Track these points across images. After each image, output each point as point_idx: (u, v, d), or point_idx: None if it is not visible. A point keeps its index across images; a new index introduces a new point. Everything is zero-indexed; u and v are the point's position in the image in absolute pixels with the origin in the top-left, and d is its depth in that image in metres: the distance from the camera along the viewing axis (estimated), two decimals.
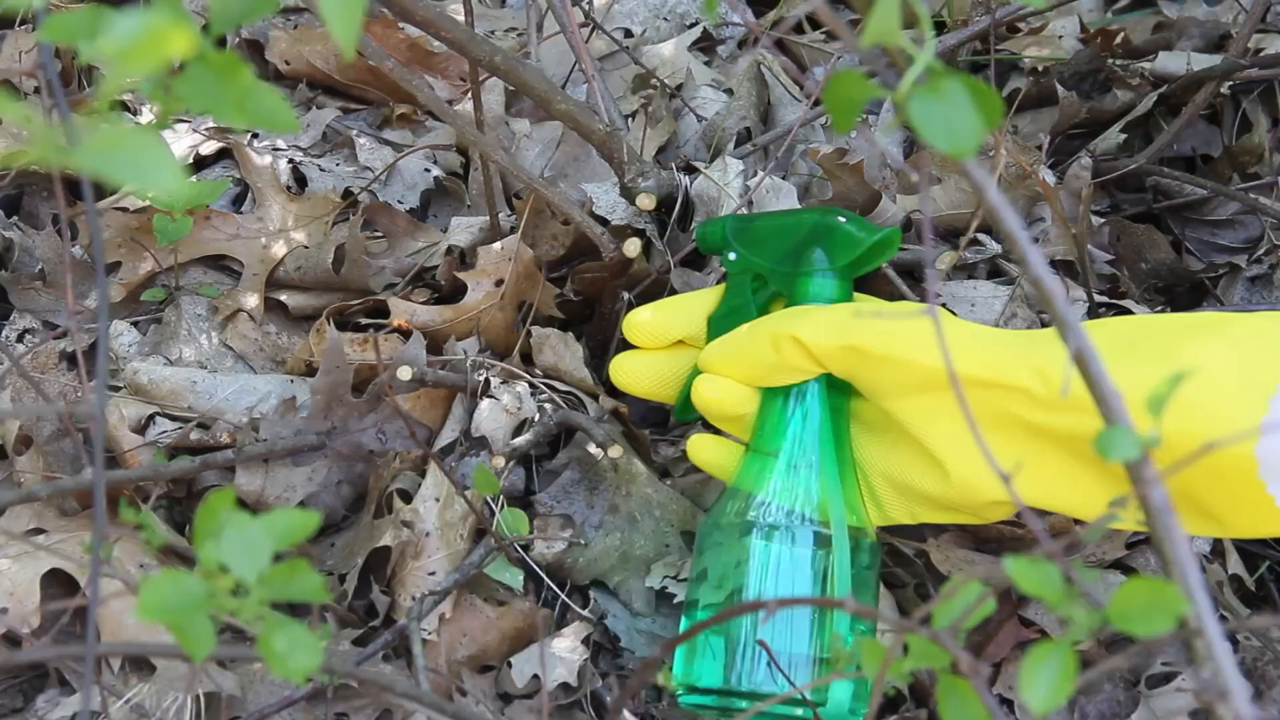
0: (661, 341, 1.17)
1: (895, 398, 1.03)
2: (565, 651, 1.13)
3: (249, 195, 1.45)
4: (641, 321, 1.16)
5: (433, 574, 1.15)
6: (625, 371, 1.17)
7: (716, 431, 1.16)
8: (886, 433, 1.08)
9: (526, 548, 1.18)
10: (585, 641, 1.15)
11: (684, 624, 1.09)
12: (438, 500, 1.17)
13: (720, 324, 1.13)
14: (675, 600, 1.16)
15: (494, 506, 1.17)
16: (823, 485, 1.06)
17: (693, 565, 1.10)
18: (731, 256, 1.15)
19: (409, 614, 1.10)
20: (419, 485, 1.18)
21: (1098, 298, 1.29)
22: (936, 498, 1.05)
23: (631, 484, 1.21)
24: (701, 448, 1.15)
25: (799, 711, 1.01)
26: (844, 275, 1.11)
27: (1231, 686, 0.49)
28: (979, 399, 0.98)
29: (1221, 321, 0.96)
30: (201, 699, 1.08)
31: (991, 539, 1.18)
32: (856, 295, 1.14)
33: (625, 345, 1.19)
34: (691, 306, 1.16)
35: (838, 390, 1.08)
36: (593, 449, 1.19)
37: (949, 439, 1.02)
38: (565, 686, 1.12)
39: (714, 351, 1.10)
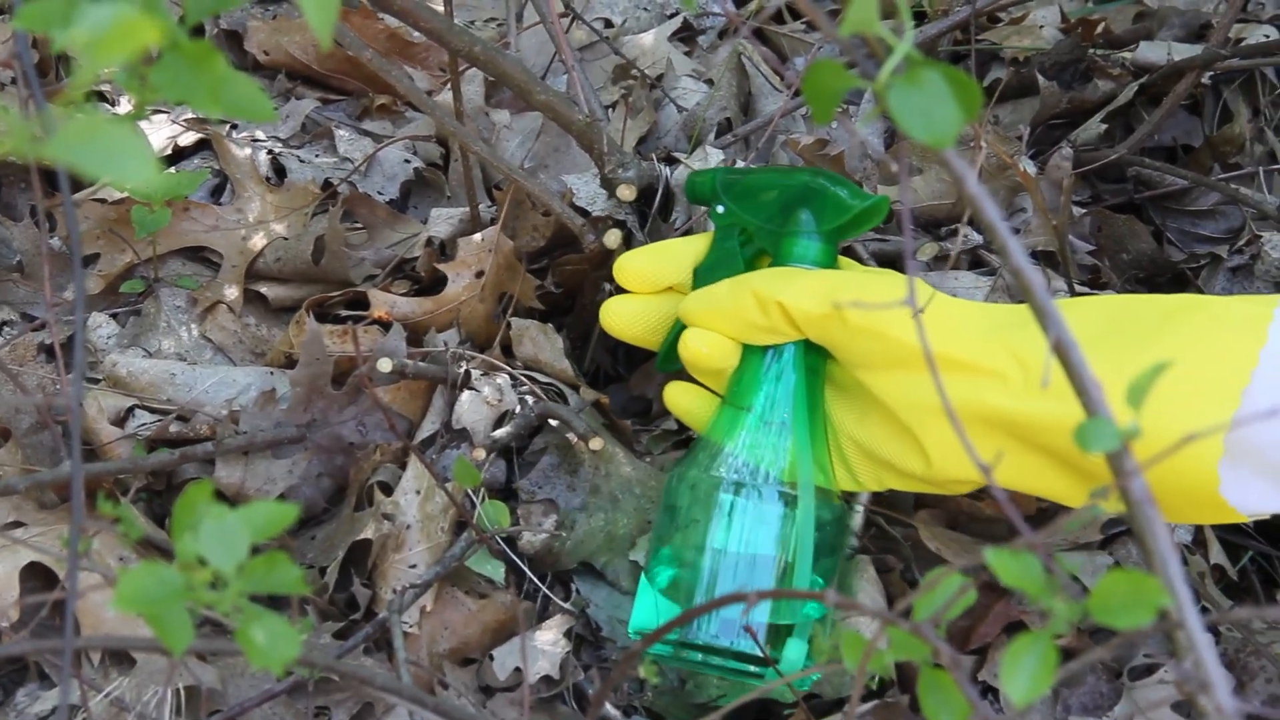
0: (652, 287, 1.17)
1: (873, 370, 1.04)
2: (547, 644, 1.13)
3: (228, 186, 1.44)
4: (634, 266, 1.16)
5: (414, 567, 1.15)
6: (616, 315, 1.17)
7: (694, 382, 1.16)
8: (859, 399, 1.09)
9: (509, 540, 1.18)
10: (567, 634, 1.15)
11: (646, 574, 1.09)
12: (418, 493, 1.16)
13: (706, 275, 1.13)
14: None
15: (475, 499, 1.16)
16: (793, 444, 1.07)
17: (659, 516, 1.10)
18: (719, 209, 1.15)
19: (390, 607, 1.10)
20: (400, 478, 1.18)
21: (1079, 288, 1.29)
22: (906, 470, 1.05)
23: (610, 464, 1.20)
24: (679, 394, 1.16)
25: (752, 669, 1.02)
26: (830, 239, 1.11)
27: (1213, 678, 0.49)
28: (955, 381, 0.99)
29: (1198, 305, 0.96)
30: (181, 692, 1.08)
31: (980, 519, 1.18)
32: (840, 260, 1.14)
33: (606, 335, 1.20)
34: (681, 254, 1.16)
35: (815, 351, 1.09)
36: (573, 439, 1.19)
37: (924, 417, 1.02)
38: (547, 679, 1.12)
39: (696, 304, 1.10)
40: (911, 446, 1.04)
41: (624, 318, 1.17)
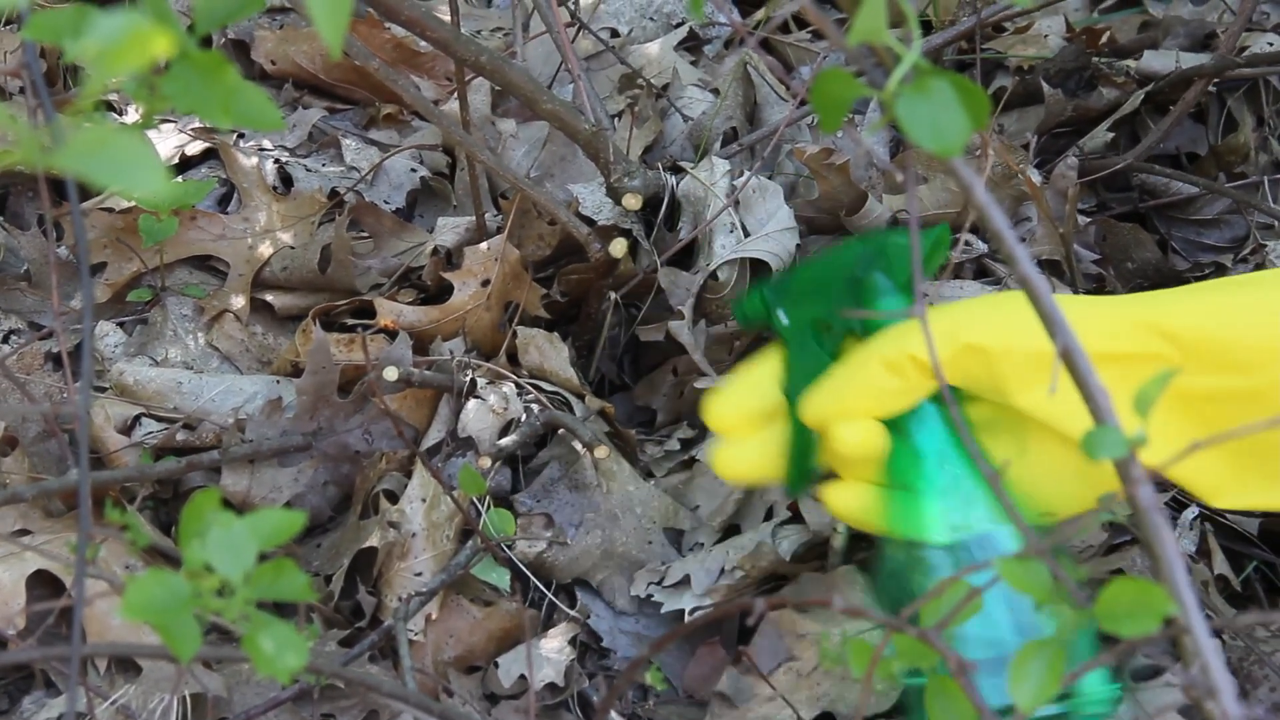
0: (750, 425, 1.10)
1: (1025, 392, 0.97)
2: (552, 652, 1.13)
3: (235, 195, 1.45)
4: (724, 413, 1.09)
5: (419, 574, 1.15)
6: (731, 465, 1.08)
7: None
8: (1010, 436, 1.03)
9: (511, 547, 1.18)
10: (572, 642, 1.15)
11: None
12: (424, 501, 1.17)
13: (798, 385, 1.05)
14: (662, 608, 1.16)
15: (480, 507, 1.17)
16: (983, 491, 1.02)
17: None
18: (784, 320, 1.07)
19: (395, 614, 1.10)
20: (405, 486, 1.18)
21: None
22: (1075, 495, 1.00)
23: (612, 482, 1.20)
24: (845, 497, 1.04)
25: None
26: (907, 289, 1.06)
27: (1219, 684, 0.49)
28: (1116, 375, 0.94)
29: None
30: (188, 700, 1.08)
31: None
32: None
33: (612, 344, 1.19)
34: (761, 379, 1.07)
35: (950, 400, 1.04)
36: (579, 448, 1.19)
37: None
38: (552, 686, 1.12)
39: (823, 400, 1.02)
40: (1084, 461, 0.98)
41: (740, 464, 1.07)
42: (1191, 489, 0.95)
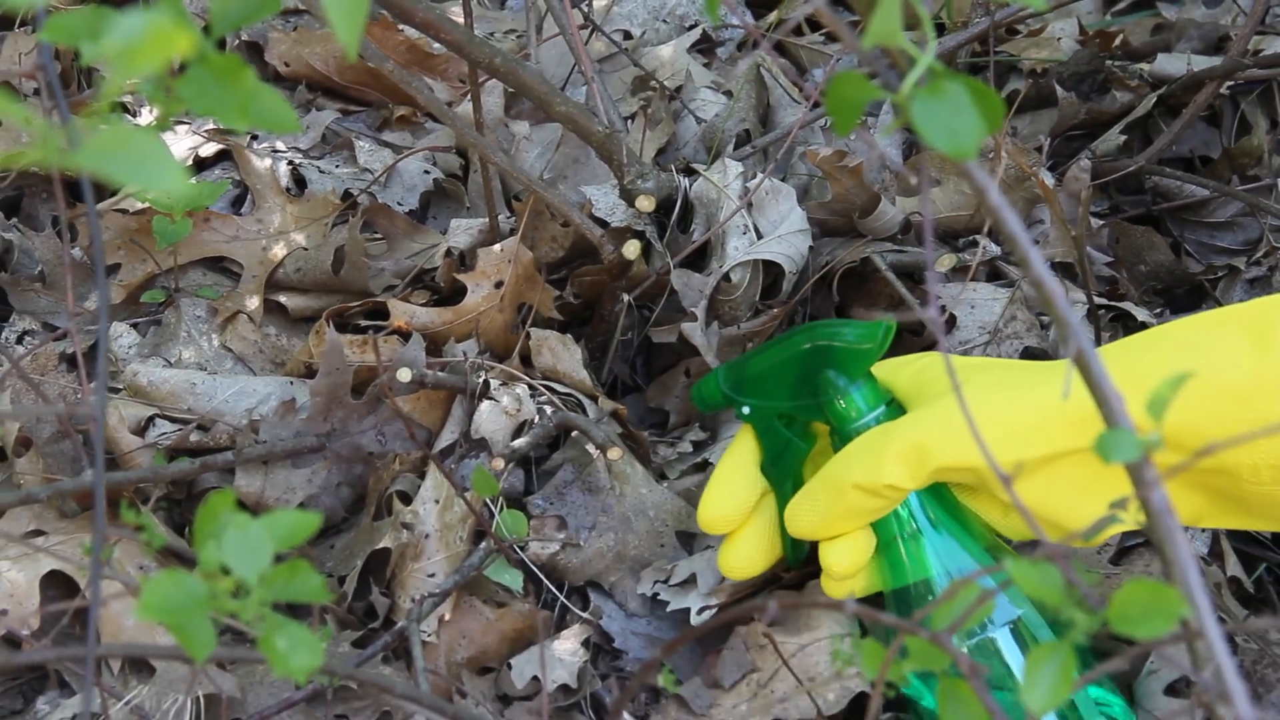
0: (742, 519, 1.11)
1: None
2: (565, 653, 1.13)
3: (248, 197, 1.45)
4: (715, 516, 1.10)
5: (432, 576, 1.15)
6: (736, 565, 1.11)
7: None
8: (992, 496, 1.05)
9: (523, 549, 1.18)
10: (585, 643, 1.15)
11: None
12: (437, 502, 1.17)
13: (774, 469, 1.09)
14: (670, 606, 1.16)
15: (493, 508, 1.17)
16: (973, 557, 1.03)
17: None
18: (746, 410, 1.10)
19: (408, 615, 1.10)
20: (418, 487, 1.18)
21: (1097, 299, 1.29)
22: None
23: (625, 485, 1.20)
24: (840, 588, 1.08)
25: None
26: (867, 380, 1.06)
27: (1233, 688, 0.49)
28: (1076, 464, 0.97)
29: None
30: (201, 700, 1.08)
31: None
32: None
33: (625, 346, 1.19)
34: (741, 469, 1.11)
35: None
36: (591, 450, 1.19)
37: (1079, 509, 0.99)
38: (565, 688, 1.12)
39: (804, 520, 1.05)
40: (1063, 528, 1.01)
41: (749, 562, 1.11)
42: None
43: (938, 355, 1.09)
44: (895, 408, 1.06)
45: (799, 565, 1.12)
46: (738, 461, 1.11)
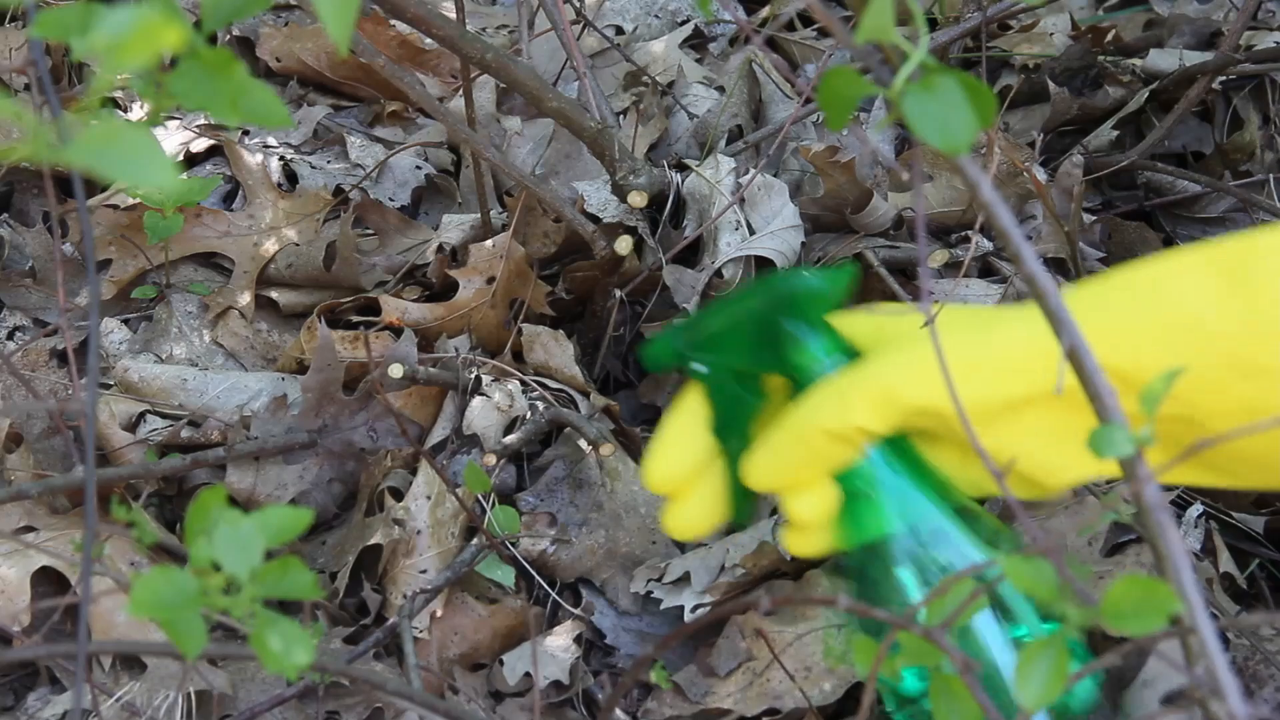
0: (690, 479, 1.08)
1: (982, 436, 0.97)
2: (557, 650, 1.13)
3: (240, 193, 1.45)
4: (659, 476, 1.07)
5: (424, 572, 1.15)
6: (684, 526, 1.08)
7: None
8: (955, 443, 1.03)
9: (515, 545, 1.18)
10: (577, 640, 1.15)
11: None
12: (429, 498, 1.17)
13: (727, 429, 1.02)
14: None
15: (485, 504, 1.16)
16: (938, 514, 1.02)
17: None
18: (702, 369, 1.03)
19: (400, 612, 1.10)
20: (410, 483, 1.18)
21: None
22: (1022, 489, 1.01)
23: (616, 481, 1.20)
24: (799, 539, 1.02)
25: None
26: (826, 328, 1.04)
27: (1225, 684, 0.49)
28: (1044, 413, 0.95)
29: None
30: (193, 696, 1.08)
31: None
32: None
33: (617, 342, 1.18)
34: (689, 427, 1.07)
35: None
36: (583, 446, 1.19)
37: (1047, 462, 0.97)
38: (557, 684, 1.12)
39: (767, 470, 1.00)
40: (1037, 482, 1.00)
41: (694, 522, 1.03)
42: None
43: (899, 304, 1.07)
44: (857, 357, 1.04)
45: (745, 526, 1.10)
46: (686, 420, 1.07)
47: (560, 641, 1.14)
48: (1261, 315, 0.89)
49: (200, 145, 1.49)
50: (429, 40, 1.55)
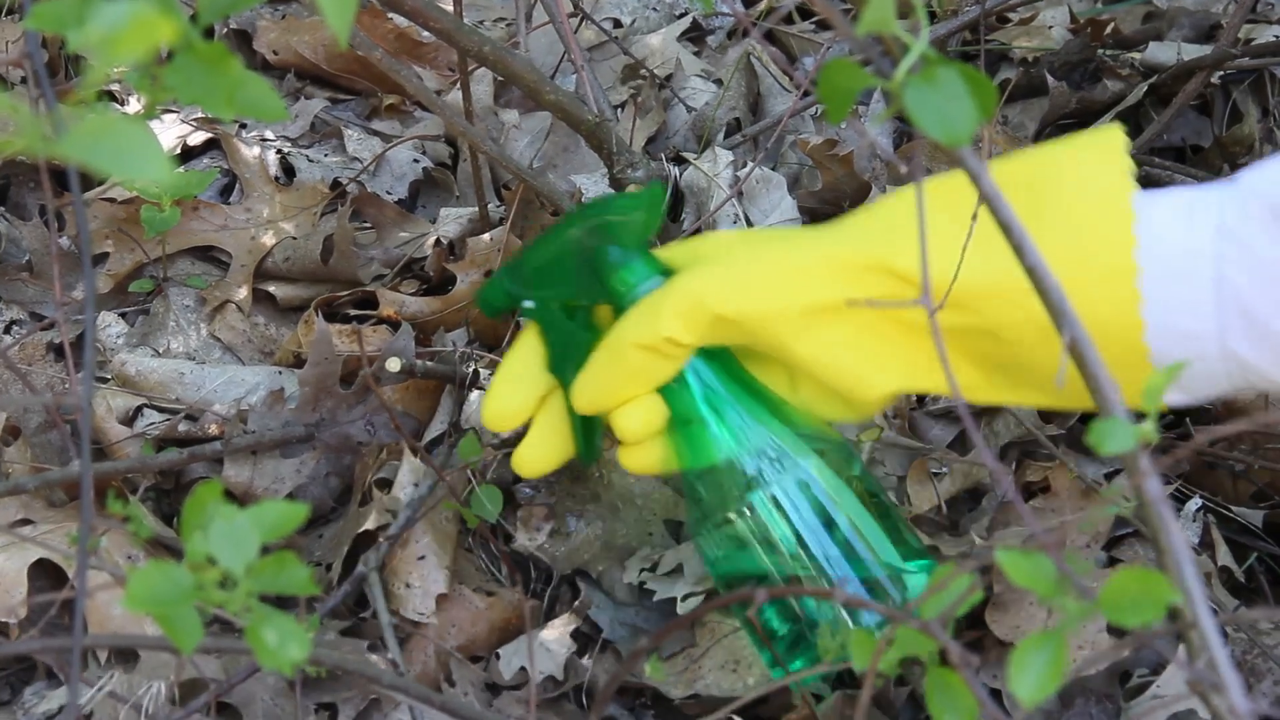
0: (529, 414, 1.09)
1: (798, 344, 0.96)
2: (554, 643, 1.13)
3: (237, 186, 1.44)
4: (498, 412, 1.06)
5: (422, 558, 1.15)
6: (529, 463, 1.07)
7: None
8: (782, 365, 1.04)
9: (508, 540, 1.18)
10: (574, 633, 1.14)
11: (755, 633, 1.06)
12: (415, 485, 1.16)
13: (561, 365, 1.04)
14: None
15: (474, 480, 1.16)
16: (761, 423, 1.03)
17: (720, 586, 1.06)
18: (530, 305, 1.05)
19: (364, 561, 1.11)
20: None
21: None
22: (847, 411, 1.02)
23: (613, 473, 1.20)
24: (635, 456, 1.05)
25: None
26: (643, 251, 1.04)
27: (1226, 679, 0.49)
28: (863, 323, 0.96)
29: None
30: (176, 687, 1.08)
31: None
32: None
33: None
34: (525, 366, 1.06)
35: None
36: None
37: (863, 377, 0.98)
38: (553, 678, 1.12)
39: (588, 392, 1.02)
40: (842, 396, 1.00)
41: (538, 459, 1.07)
42: (940, 390, 1.03)
43: (716, 232, 1.08)
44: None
45: (592, 461, 1.08)
46: (521, 358, 1.06)
47: (556, 635, 1.14)
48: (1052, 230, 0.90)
49: (197, 138, 1.48)
50: (426, 33, 1.55)
